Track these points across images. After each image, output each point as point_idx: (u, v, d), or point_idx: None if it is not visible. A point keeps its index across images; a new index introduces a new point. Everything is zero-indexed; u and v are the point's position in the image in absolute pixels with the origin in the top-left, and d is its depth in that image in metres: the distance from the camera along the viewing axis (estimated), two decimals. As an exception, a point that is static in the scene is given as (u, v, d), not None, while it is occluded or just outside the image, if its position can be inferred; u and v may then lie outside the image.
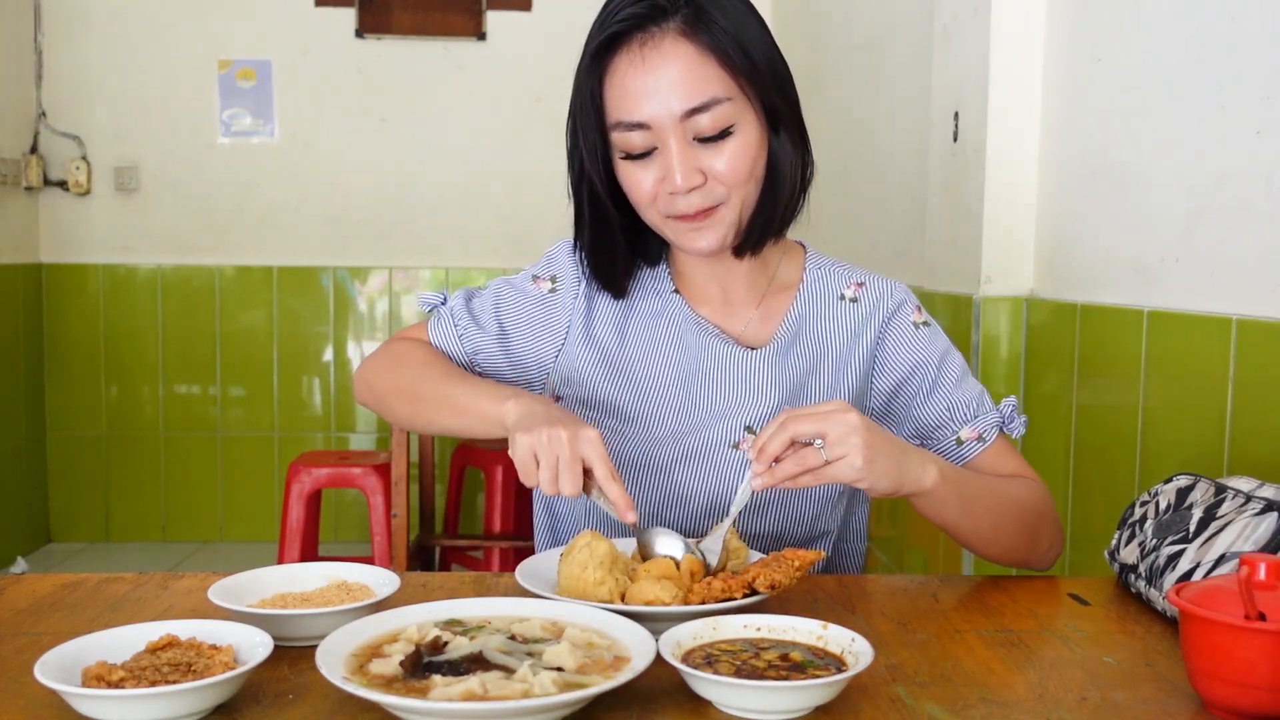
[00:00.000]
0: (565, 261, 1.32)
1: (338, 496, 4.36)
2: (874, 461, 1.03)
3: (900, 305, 1.30)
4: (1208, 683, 0.84)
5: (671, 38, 1.13)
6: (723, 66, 1.14)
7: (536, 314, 1.31)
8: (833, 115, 3.57)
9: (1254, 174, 1.50)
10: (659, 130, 1.14)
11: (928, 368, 1.28)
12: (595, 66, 1.16)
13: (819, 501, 1.27)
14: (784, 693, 0.81)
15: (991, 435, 1.27)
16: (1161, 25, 1.75)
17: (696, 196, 1.16)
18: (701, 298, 1.31)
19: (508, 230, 4.43)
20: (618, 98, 1.15)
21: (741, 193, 1.18)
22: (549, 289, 1.31)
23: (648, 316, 1.30)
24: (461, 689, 0.80)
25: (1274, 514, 1.01)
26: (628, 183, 1.19)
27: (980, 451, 1.26)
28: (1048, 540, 1.24)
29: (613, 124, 1.16)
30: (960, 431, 1.27)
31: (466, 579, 1.18)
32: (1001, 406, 1.28)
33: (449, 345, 1.31)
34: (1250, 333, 1.48)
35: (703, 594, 0.99)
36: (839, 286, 1.31)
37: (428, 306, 1.36)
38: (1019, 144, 2.17)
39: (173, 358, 4.45)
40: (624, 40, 1.15)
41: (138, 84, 4.36)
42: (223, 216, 4.42)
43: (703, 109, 1.13)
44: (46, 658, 0.83)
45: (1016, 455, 1.30)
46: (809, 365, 1.27)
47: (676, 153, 1.14)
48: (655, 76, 1.13)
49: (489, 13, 4.42)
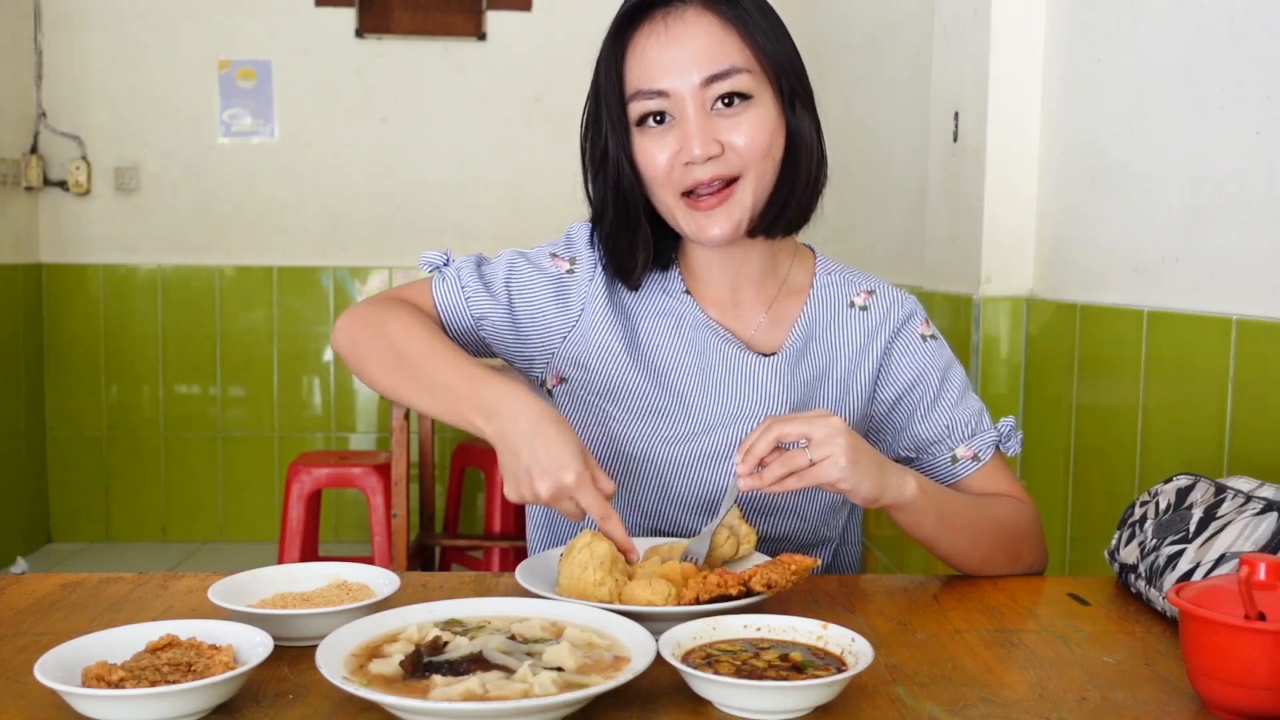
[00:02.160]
0: (585, 244, 1.29)
1: (338, 496, 4.36)
2: (857, 464, 1.05)
3: (909, 317, 1.30)
4: (1208, 683, 0.84)
5: (695, 10, 1.16)
6: (743, 40, 1.15)
7: (551, 292, 1.26)
8: (833, 115, 3.55)
9: (1254, 174, 1.50)
10: (678, 99, 1.15)
11: (930, 381, 1.27)
12: (617, 41, 1.17)
13: (825, 508, 1.27)
14: (784, 693, 0.81)
15: (987, 454, 1.27)
16: (1161, 25, 1.75)
17: (712, 167, 1.15)
18: (712, 299, 1.29)
19: (508, 230, 4.43)
20: (639, 68, 1.16)
21: (758, 169, 1.17)
22: (567, 269, 1.28)
23: (658, 315, 1.28)
24: (461, 689, 0.80)
25: (1274, 514, 1.01)
26: (643, 158, 1.18)
27: (974, 471, 1.26)
28: (1029, 559, 1.25)
29: (632, 94, 1.17)
30: (956, 449, 1.26)
31: (466, 579, 1.18)
32: (1000, 425, 1.28)
33: (454, 305, 1.25)
34: (1250, 333, 1.48)
35: (697, 589, 0.98)
36: (849, 294, 1.31)
37: (429, 266, 1.29)
38: (1019, 144, 2.17)
39: (173, 358, 4.45)
40: (646, 14, 1.17)
41: (138, 84, 4.36)
42: (223, 216, 4.43)
43: (723, 76, 1.14)
44: (46, 658, 0.83)
45: (1009, 475, 1.29)
46: (818, 374, 1.27)
47: (695, 121, 1.14)
48: (677, 46, 1.14)
49: (489, 13, 4.42)
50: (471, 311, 1.26)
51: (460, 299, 1.26)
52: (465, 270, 1.28)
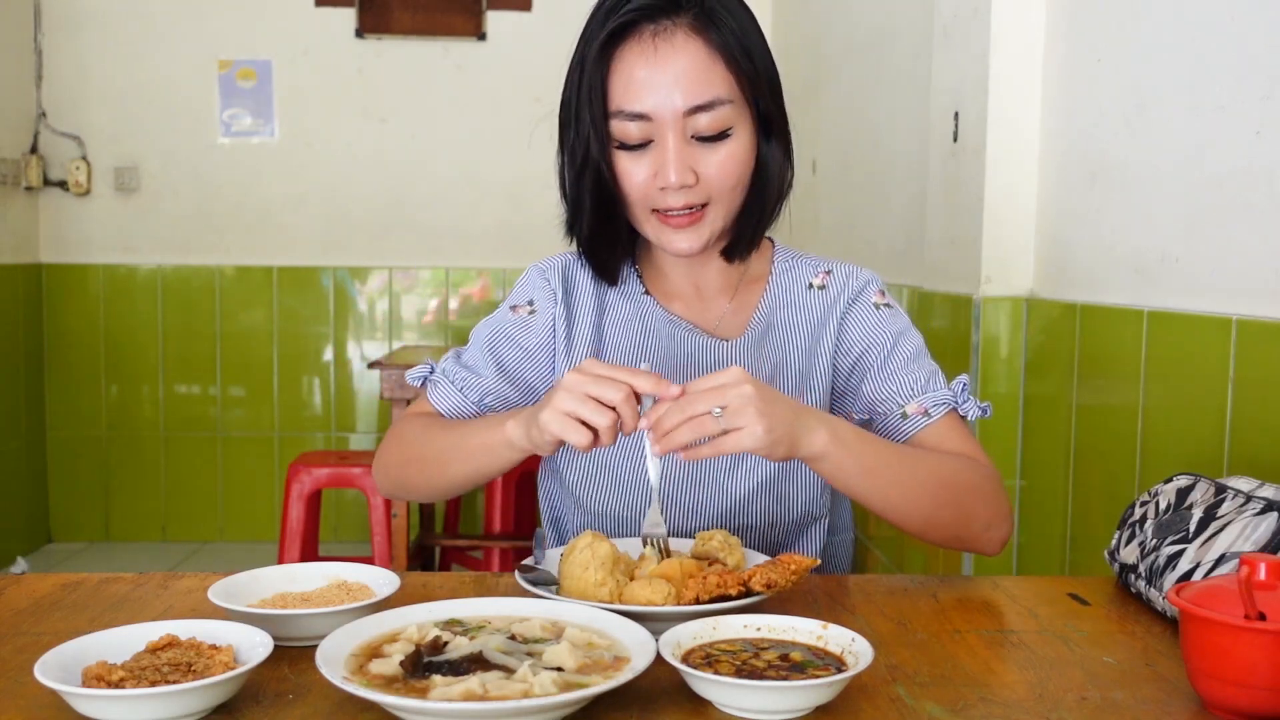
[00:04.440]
0: (537, 284, 1.33)
1: (338, 496, 4.36)
2: (772, 430, 1.01)
3: (864, 288, 1.31)
4: (1208, 683, 0.84)
5: (684, 32, 1.15)
6: (728, 68, 1.16)
7: (524, 339, 1.31)
8: (833, 115, 3.57)
9: (1254, 174, 1.50)
10: (659, 123, 1.15)
11: (883, 345, 1.28)
12: (604, 53, 1.17)
13: (808, 486, 1.27)
14: (784, 693, 0.81)
15: (938, 412, 1.23)
16: (1161, 25, 1.75)
17: (685, 195, 1.17)
18: (674, 294, 1.32)
19: (508, 230, 4.44)
20: (623, 85, 1.16)
21: (727, 199, 1.20)
22: (528, 313, 1.32)
23: (622, 322, 1.32)
24: (461, 689, 0.80)
25: (1274, 514, 1.01)
26: (619, 173, 1.19)
27: (925, 426, 1.23)
28: (984, 519, 1.18)
29: (614, 110, 1.17)
30: (906, 406, 1.24)
31: (466, 579, 1.18)
32: (952, 385, 1.26)
33: (455, 402, 1.30)
34: (1250, 333, 1.48)
35: (697, 589, 0.98)
36: (807, 276, 1.33)
37: (420, 380, 1.33)
38: (1019, 144, 2.17)
39: (173, 358, 4.45)
40: (634, 30, 1.16)
41: (138, 84, 4.36)
42: (223, 216, 4.43)
43: (706, 108, 1.15)
44: (46, 658, 0.83)
45: (967, 436, 1.25)
46: (781, 354, 1.29)
47: (673, 148, 1.16)
48: (664, 69, 1.14)
49: (489, 13, 4.42)
50: (471, 399, 1.30)
51: (455, 393, 1.31)
52: (449, 368, 1.33)
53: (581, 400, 1.02)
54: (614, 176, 1.20)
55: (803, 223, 3.85)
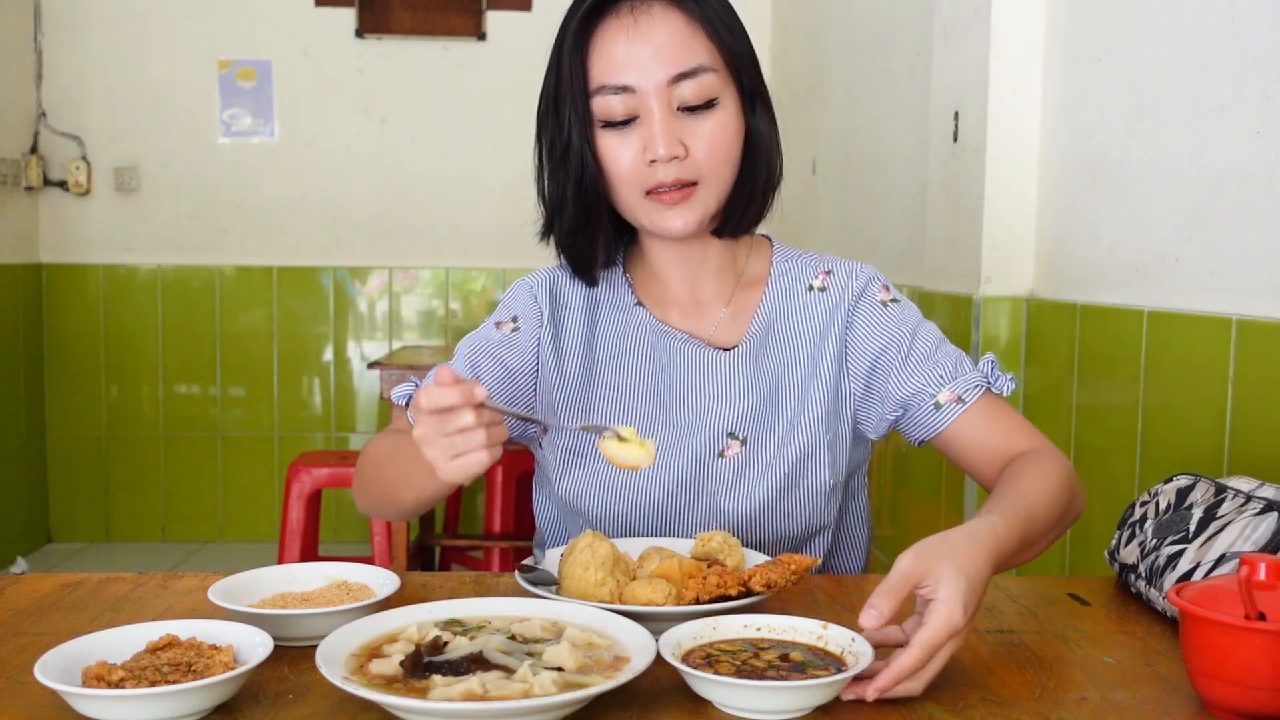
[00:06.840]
0: (524, 300, 1.31)
1: (338, 496, 4.36)
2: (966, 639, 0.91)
3: (866, 286, 1.28)
4: (1208, 683, 0.84)
5: (661, 5, 1.15)
6: (710, 38, 1.16)
7: (506, 356, 1.28)
8: (833, 115, 3.57)
9: (1254, 174, 1.50)
10: (643, 95, 1.15)
11: (900, 341, 1.25)
12: (581, 34, 1.16)
13: (813, 499, 1.26)
14: (784, 693, 0.81)
15: (972, 396, 1.21)
16: (1161, 25, 1.75)
17: (675, 168, 1.16)
18: (669, 303, 1.30)
19: (507, 230, 4.42)
20: (603, 62, 1.15)
21: (719, 174, 1.18)
22: (511, 329, 1.30)
23: (613, 335, 1.29)
24: (461, 689, 0.80)
25: (1274, 514, 1.01)
26: (607, 156, 1.18)
27: (960, 414, 1.20)
28: (1079, 507, 1.17)
29: (595, 88, 1.16)
30: (938, 395, 1.21)
31: (466, 579, 1.18)
32: (980, 365, 1.23)
33: None
34: (1250, 333, 1.48)
35: (697, 589, 0.98)
36: (807, 277, 1.30)
37: (403, 399, 1.28)
38: (1019, 144, 2.17)
39: (173, 358, 4.45)
40: (612, 8, 1.16)
41: (138, 84, 4.36)
42: (223, 216, 4.42)
43: (689, 74, 1.14)
44: (46, 658, 0.83)
45: (1014, 416, 1.22)
46: (783, 363, 1.26)
47: (660, 119, 1.15)
48: (643, 41, 1.14)
49: (489, 13, 4.42)
50: None
51: None
52: None
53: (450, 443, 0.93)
54: (599, 163, 1.18)
55: (803, 223, 3.85)
